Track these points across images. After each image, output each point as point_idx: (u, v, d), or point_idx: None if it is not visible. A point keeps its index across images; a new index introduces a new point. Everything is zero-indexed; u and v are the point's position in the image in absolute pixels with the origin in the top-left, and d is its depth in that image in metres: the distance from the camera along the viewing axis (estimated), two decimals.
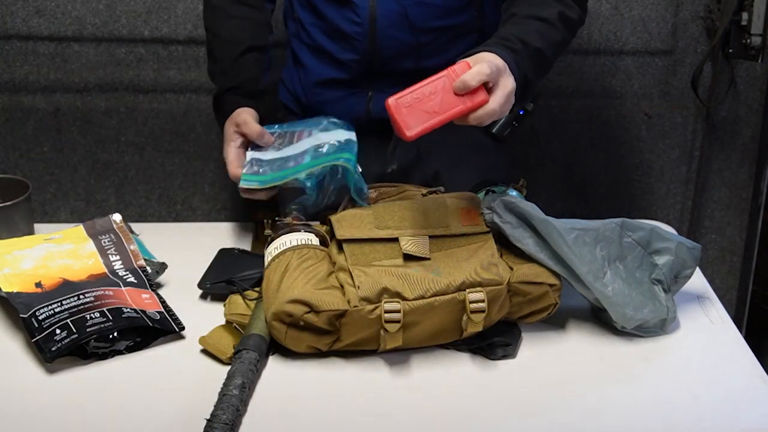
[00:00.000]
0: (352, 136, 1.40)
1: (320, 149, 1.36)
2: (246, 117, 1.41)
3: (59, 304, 1.18)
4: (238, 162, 1.38)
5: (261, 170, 1.35)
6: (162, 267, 1.34)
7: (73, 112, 2.10)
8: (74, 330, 1.14)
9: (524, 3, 1.36)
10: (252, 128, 1.39)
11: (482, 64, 1.13)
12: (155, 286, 1.28)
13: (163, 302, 1.24)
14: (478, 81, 1.12)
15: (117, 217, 1.36)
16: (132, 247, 1.31)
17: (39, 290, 1.20)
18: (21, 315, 1.16)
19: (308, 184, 1.32)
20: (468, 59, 1.17)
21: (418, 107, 1.12)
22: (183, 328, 1.21)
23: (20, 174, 2.06)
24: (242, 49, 1.51)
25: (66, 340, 1.13)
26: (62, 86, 2.07)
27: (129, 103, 2.09)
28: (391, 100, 1.12)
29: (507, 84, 1.16)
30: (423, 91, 1.13)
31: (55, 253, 1.27)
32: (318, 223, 1.33)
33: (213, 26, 1.57)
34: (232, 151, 1.40)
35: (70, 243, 1.30)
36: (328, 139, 1.39)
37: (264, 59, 1.55)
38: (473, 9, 1.49)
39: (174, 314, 1.22)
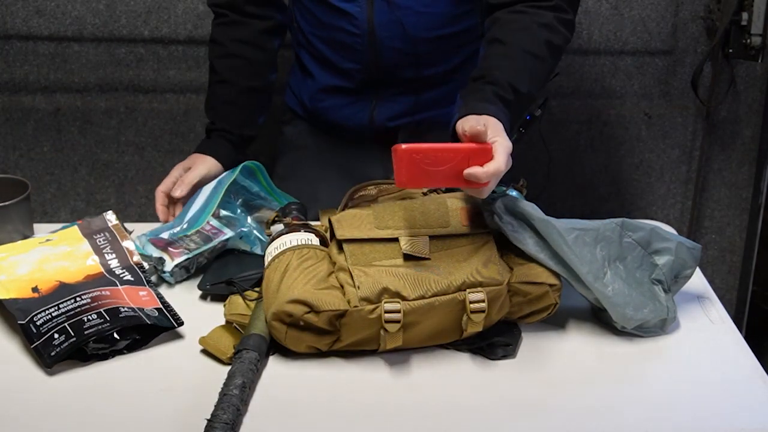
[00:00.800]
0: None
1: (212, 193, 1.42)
2: (200, 170, 1.47)
3: (56, 308, 1.17)
4: (169, 183, 1.45)
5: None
6: (160, 261, 1.33)
7: (73, 112, 2.10)
8: (72, 333, 1.14)
9: (509, 28, 1.32)
10: (188, 178, 1.45)
11: (500, 162, 1.12)
12: (153, 284, 1.28)
13: (160, 298, 1.24)
14: (489, 179, 1.12)
15: (111, 215, 1.36)
16: (127, 245, 1.31)
17: (36, 295, 1.20)
18: (19, 321, 1.16)
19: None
20: (490, 138, 1.14)
21: (423, 166, 1.12)
22: (181, 324, 1.20)
23: (20, 174, 2.06)
24: (237, 91, 1.53)
25: (64, 345, 1.13)
26: (62, 86, 2.07)
27: (129, 103, 2.09)
28: (403, 149, 1.10)
29: (503, 166, 1.14)
30: (437, 156, 1.12)
31: (51, 256, 1.27)
32: (318, 223, 1.34)
33: (212, 61, 1.57)
34: (177, 171, 1.47)
35: (66, 245, 1.29)
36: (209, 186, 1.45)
37: (260, 100, 1.57)
38: (474, 17, 1.48)
39: (172, 309, 1.22)
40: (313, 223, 1.29)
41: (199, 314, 1.25)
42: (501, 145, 1.14)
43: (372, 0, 1.42)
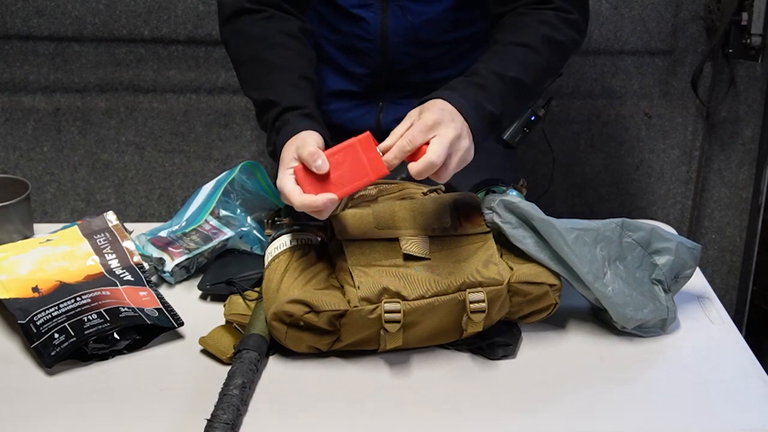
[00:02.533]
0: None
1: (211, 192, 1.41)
2: (306, 138, 1.18)
3: (56, 308, 1.17)
4: (298, 190, 1.14)
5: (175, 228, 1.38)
6: (160, 261, 1.33)
7: (73, 112, 2.10)
8: (72, 333, 1.14)
9: (506, 29, 1.34)
10: (306, 150, 1.14)
11: (430, 154, 1.10)
12: (153, 284, 1.28)
13: (161, 298, 1.24)
14: (423, 174, 1.10)
15: (111, 215, 1.36)
16: (127, 245, 1.31)
17: (36, 295, 1.20)
18: (19, 321, 1.16)
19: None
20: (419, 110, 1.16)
21: (322, 175, 1.11)
22: (182, 324, 1.21)
23: (20, 174, 2.06)
24: (297, 76, 1.36)
25: (65, 344, 1.13)
26: (62, 86, 2.07)
27: (129, 103, 2.10)
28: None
29: (434, 158, 1.10)
30: (330, 161, 1.12)
31: (51, 256, 1.27)
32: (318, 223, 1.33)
33: (258, 54, 1.39)
34: (287, 179, 1.14)
35: (66, 245, 1.29)
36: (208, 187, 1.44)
37: (315, 91, 1.39)
38: (485, 21, 1.48)
39: (172, 310, 1.22)
40: (313, 223, 1.29)
41: (199, 314, 1.25)
42: (425, 106, 1.14)
43: (386, 6, 1.42)
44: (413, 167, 1.10)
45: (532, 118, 1.50)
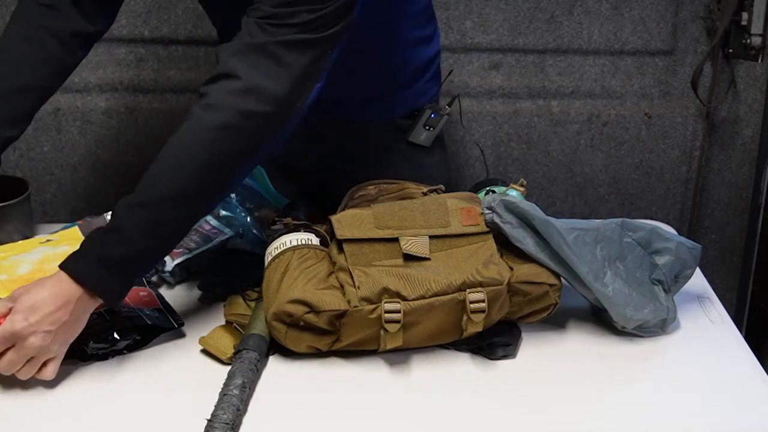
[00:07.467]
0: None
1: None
2: None
3: None
4: None
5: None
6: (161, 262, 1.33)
7: (73, 112, 2.10)
8: None
9: None
10: None
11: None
12: (153, 284, 1.28)
13: (161, 298, 1.24)
14: None
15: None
16: None
17: None
18: None
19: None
20: None
21: None
22: (182, 324, 1.21)
23: (20, 174, 2.06)
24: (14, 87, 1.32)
25: None
26: (62, 86, 2.07)
27: (129, 103, 2.09)
28: None
29: (25, 300, 1.07)
30: None
31: (51, 256, 1.27)
32: (318, 223, 1.33)
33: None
34: None
35: (66, 245, 1.29)
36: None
37: (31, 100, 1.36)
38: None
39: (172, 310, 1.22)
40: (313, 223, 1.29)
41: (199, 314, 1.25)
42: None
43: None
44: None
45: (433, 116, 1.45)
